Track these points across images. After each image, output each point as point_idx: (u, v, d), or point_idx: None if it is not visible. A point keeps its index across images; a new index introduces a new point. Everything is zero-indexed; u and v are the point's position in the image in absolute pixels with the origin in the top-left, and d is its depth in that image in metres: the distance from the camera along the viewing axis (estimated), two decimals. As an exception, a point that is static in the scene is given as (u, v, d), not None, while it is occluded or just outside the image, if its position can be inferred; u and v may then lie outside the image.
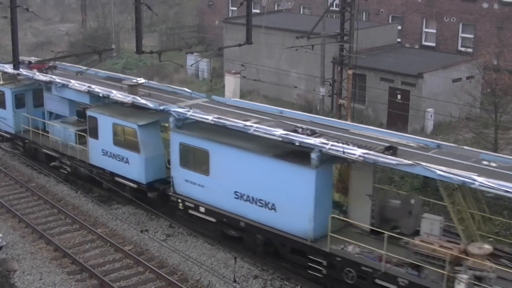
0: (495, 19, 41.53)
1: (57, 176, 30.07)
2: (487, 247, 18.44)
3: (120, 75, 33.33)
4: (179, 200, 24.71)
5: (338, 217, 20.78)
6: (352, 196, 21.72)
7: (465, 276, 17.68)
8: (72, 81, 29.02)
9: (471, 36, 42.98)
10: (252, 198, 22.16)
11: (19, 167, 32.90)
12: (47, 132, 30.99)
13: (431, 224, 19.33)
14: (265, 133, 21.50)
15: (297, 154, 20.83)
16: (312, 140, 20.41)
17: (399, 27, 45.12)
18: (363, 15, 47.17)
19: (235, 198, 22.66)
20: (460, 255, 18.28)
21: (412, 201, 20.80)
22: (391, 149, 19.63)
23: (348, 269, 19.99)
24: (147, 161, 25.86)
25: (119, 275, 22.70)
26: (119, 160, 26.81)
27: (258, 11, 49.65)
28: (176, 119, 24.26)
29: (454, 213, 19.17)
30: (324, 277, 20.84)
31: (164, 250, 24.06)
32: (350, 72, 32.04)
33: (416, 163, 18.41)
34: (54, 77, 30.21)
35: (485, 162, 19.30)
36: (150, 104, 25.54)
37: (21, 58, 28.35)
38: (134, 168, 26.25)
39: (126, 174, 26.73)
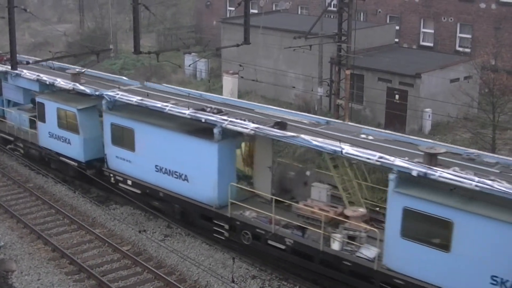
0: (493, 19, 41.58)
1: (55, 177, 30.07)
2: (361, 211, 21.18)
3: (70, 66, 35.44)
4: (111, 175, 27.14)
5: (237, 185, 23.40)
6: (256, 168, 24.42)
7: (338, 235, 20.20)
8: (24, 70, 31.52)
9: (468, 36, 43.02)
10: (169, 170, 24.77)
11: (17, 168, 32.89)
12: (5, 118, 34.10)
13: (319, 192, 22.12)
14: (178, 112, 24.27)
15: (204, 130, 23.43)
16: (214, 117, 23.28)
17: (397, 27, 45.13)
18: (361, 15, 47.20)
19: (156, 171, 25.25)
20: (335, 217, 20.94)
21: (308, 173, 23.86)
22: (280, 124, 22.18)
23: (245, 231, 22.57)
24: (85, 141, 28.59)
25: (117, 275, 22.70)
26: (62, 141, 29.54)
27: (256, 11, 49.64)
28: (107, 102, 26.88)
29: (339, 181, 21.95)
30: (226, 239, 23.45)
31: (162, 251, 24.06)
32: (348, 72, 32.08)
33: (297, 135, 21.06)
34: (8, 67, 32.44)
35: (363, 136, 21.94)
36: (87, 90, 28.22)
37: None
38: (75, 148, 28.95)
39: (68, 154, 29.38)
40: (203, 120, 23.36)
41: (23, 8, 25.14)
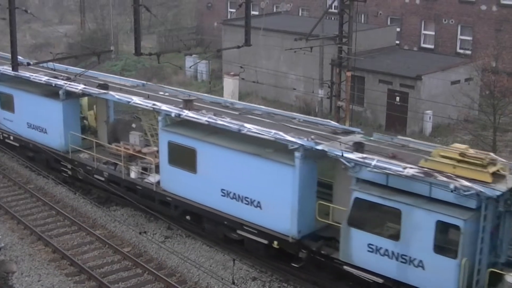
0: (494, 21, 41.60)
1: (56, 178, 30.06)
2: (155, 149, 27.05)
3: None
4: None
5: (76, 134, 29.02)
6: (98, 123, 30.85)
7: (134, 167, 26.50)
8: None
9: (469, 38, 43.05)
10: (37, 126, 30.48)
11: (17, 169, 32.87)
12: None
13: (134, 137, 27.99)
14: (36, 79, 29.66)
15: (54, 93, 29.14)
16: (57, 81, 28.94)
17: (398, 29, 45.17)
18: (362, 17, 47.22)
19: (28, 127, 30.90)
20: (133, 153, 27.04)
21: (133, 125, 29.55)
22: (102, 86, 27.85)
23: (80, 168, 28.44)
24: None
25: (117, 276, 22.69)
26: None
27: (257, 13, 49.70)
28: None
29: (147, 129, 29.60)
30: (68, 176, 29.49)
31: (162, 252, 24.05)
32: (348, 74, 32.08)
33: (105, 92, 27.09)
34: None
35: (161, 93, 27.74)
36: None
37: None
38: None
39: None
40: (53, 85, 28.91)
41: (24, 9, 25.08)
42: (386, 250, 19.05)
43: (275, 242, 21.70)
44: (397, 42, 44.55)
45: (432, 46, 44.80)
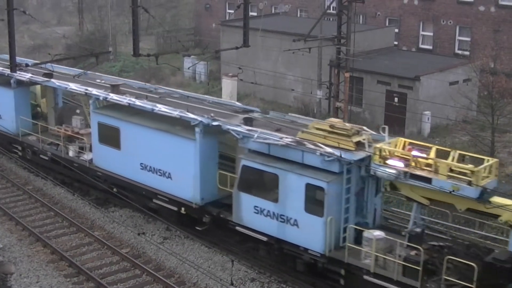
0: (492, 22, 41.61)
1: (54, 179, 30.05)
2: (90, 130, 28.51)
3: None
4: None
5: (26, 118, 31.42)
6: (47, 109, 33.32)
7: (72, 147, 29.44)
8: None
9: (467, 39, 43.05)
10: None
11: (16, 170, 32.86)
12: None
13: (76, 121, 30.40)
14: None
15: (9, 82, 31.21)
16: (8, 71, 29.17)
17: (396, 30, 45.16)
18: (360, 18, 47.20)
19: None
20: (71, 134, 29.85)
21: (77, 110, 31.69)
22: (47, 74, 30.44)
23: (28, 149, 31.47)
24: None
25: (116, 278, 22.68)
26: None
27: (255, 14, 49.68)
28: None
29: (87, 112, 30.23)
30: (19, 156, 31.89)
31: (161, 253, 24.04)
32: (347, 75, 32.07)
33: (47, 80, 29.82)
34: None
35: (98, 80, 30.55)
36: None
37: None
38: None
39: None
40: (6, 74, 31.09)
41: (23, 10, 24.99)
42: (268, 211, 21.66)
43: (183, 209, 24.46)
44: (396, 43, 44.54)
45: (430, 47, 44.80)
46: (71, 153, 29.42)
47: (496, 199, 18.45)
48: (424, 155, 19.79)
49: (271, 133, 21.92)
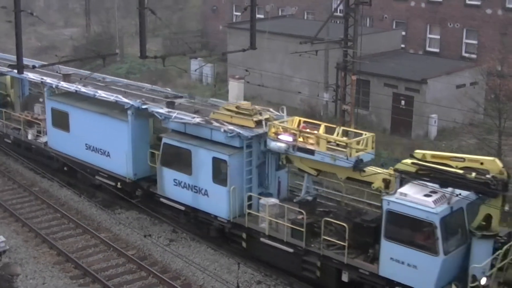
0: (499, 25, 41.50)
1: (61, 181, 30.09)
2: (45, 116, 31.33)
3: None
4: None
5: None
6: (14, 98, 35.93)
7: (31, 130, 32.34)
8: None
9: (474, 42, 42.95)
10: None
11: (22, 171, 32.92)
12: None
13: (37, 108, 33.78)
14: None
15: None
16: None
17: (403, 33, 45.09)
18: (367, 21, 47.13)
19: None
20: (30, 119, 32.68)
21: (41, 99, 33.30)
22: (12, 65, 30.76)
23: (5, 139, 33.65)
24: None
25: (122, 279, 22.70)
26: None
27: (262, 16, 49.66)
28: None
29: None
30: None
31: (167, 255, 24.04)
32: (353, 77, 32.02)
33: (10, 70, 29.61)
34: None
35: (57, 71, 31.97)
36: None
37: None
38: None
39: None
40: None
41: (30, 12, 25.03)
42: (184, 183, 24.61)
43: (119, 184, 27.52)
44: (402, 45, 44.48)
45: (437, 50, 44.70)
46: (30, 136, 32.61)
47: (370, 169, 20.76)
48: (310, 131, 22.27)
49: (186, 114, 24.91)
